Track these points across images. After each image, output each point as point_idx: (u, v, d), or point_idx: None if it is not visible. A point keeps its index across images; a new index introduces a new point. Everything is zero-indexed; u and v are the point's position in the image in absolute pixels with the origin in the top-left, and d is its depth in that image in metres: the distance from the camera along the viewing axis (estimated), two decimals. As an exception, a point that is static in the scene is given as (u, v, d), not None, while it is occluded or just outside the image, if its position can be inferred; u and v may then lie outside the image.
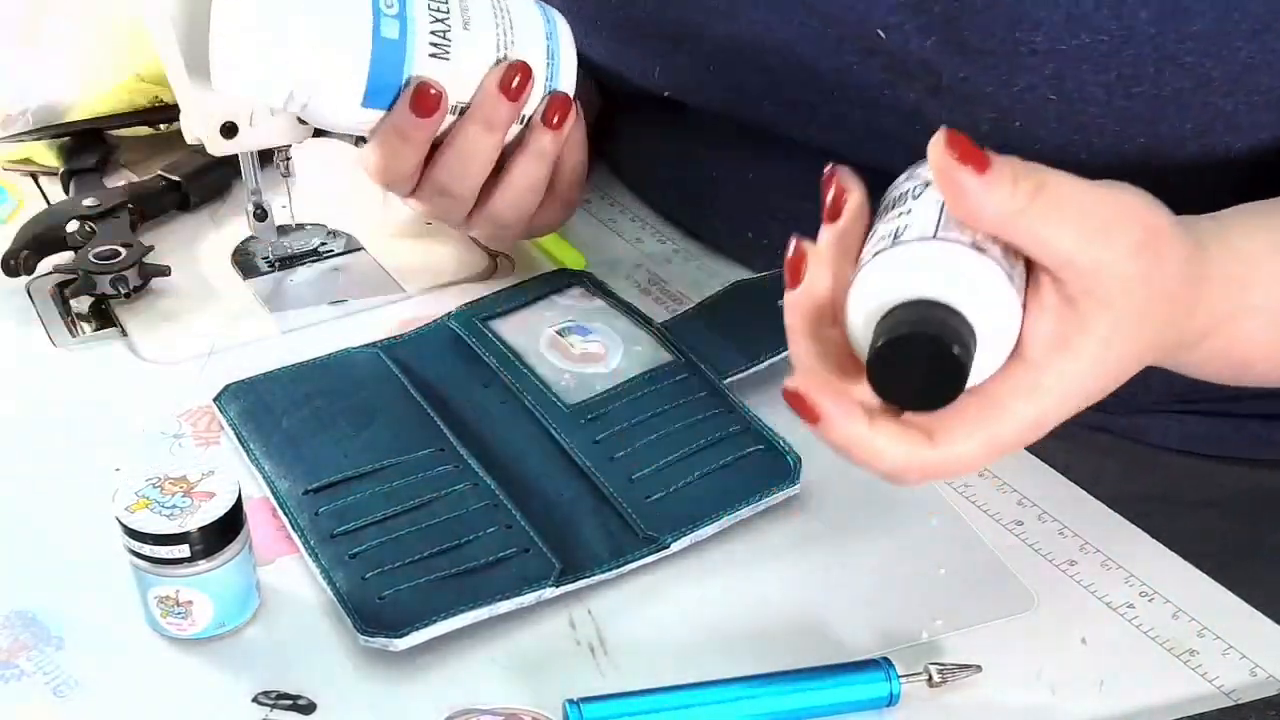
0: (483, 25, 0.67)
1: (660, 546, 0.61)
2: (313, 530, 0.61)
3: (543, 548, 0.60)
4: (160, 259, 0.81)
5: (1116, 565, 0.60)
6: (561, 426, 0.67)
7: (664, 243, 0.84)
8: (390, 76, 0.66)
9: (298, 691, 0.55)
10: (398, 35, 0.64)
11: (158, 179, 0.87)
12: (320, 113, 0.67)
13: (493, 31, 0.68)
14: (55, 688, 0.56)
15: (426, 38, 0.65)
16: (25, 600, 0.59)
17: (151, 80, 0.91)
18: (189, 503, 0.56)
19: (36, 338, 0.77)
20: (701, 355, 0.70)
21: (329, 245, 0.84)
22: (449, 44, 0.66)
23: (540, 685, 0.55)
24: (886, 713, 0.54)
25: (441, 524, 0.61)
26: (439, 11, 0.66)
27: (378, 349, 0.73)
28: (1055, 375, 0.48)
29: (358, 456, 0.65)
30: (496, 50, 0.68)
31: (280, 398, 0.69)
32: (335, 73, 0.65)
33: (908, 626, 0.58)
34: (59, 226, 0.82)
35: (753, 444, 0.65)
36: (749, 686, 0.54)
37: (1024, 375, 0.49)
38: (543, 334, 0.73)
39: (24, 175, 0.93)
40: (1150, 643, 0.57)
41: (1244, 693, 0.54)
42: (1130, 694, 0.55)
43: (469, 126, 0.68)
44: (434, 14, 0.65)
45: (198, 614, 0.57)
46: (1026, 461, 0.66)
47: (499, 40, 0.68)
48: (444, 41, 0.66)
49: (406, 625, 0.56)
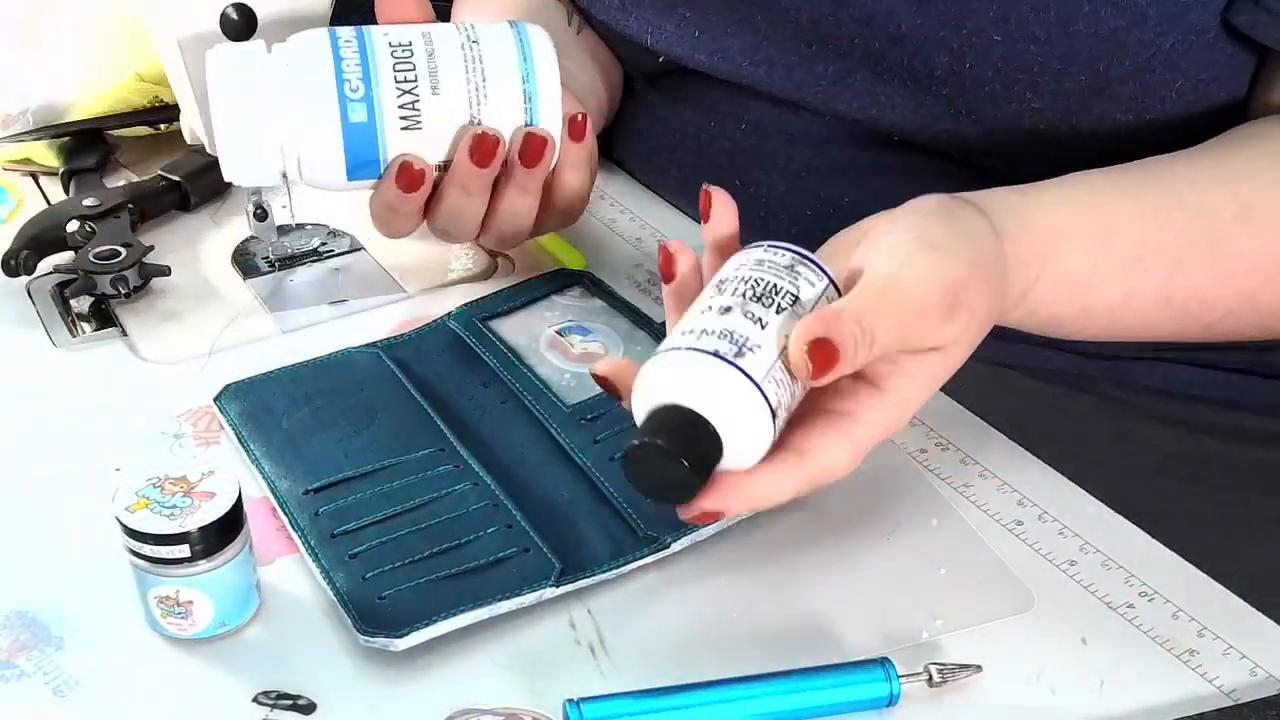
0: (452, 86, 0.69)
1: (660, 546, 0.61)
2: (313, 530, 0.61)
3: (543, 548, 0.60)
4: (160, 259, 0.81)
5: (1116, 565, 0.60)
6: (561, 426, 0.67)
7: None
8: (368, 153, 0.69)
9: (298, 691, 0.55)
10: (366, 118, 0.68)
11: (158, 179, 0.87)
12: (318, 185, 0.71)
13: (463, 89, 0.69)
14: (55, 688, 0.56)
15: (395, 114, 0.68)
16: (25, 600, 0.59)
17: (151, 80, 0.91)
18: (189, 503, 0.56)
19: (36, 338, 0.77)
20: (701, 355, 0.70)
21: (329, 245, 0.84)
22: (419, 114, 0.68)
23: (540, 685, 0.55)
24: (886, 713, 0.54)
25: (442, 524, 0.61)
26: (405, 84, 0.68)
27: (378, 349, 0.73)
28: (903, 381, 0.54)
29: (358, 456, 0.65)
30: (469, 107, 0.69)
31: (280, 398, 0.69)
32: (319, 156, 0.69)
33: (908, 626, 0.58)
34: (59, 226, 0.82)
35: (753, 444, 0.65)
36: (749, 686, 0.54)
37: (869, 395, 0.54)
38: (543, 334, 0.73)
39: (24, 175, 0.93)
40: (1150, 643, 0.57)
41: (1244, 693, 0.54)
42: (1130, 694, 0.55)
43: (450, 191, 0.71)
44: (401, 88, 0.68)
45: (198, 614, 0.57)
46: (1027, 461, 0.66)
47: (470, 97, 0.69)
48: (413, 113, 0.68)
49: (406, 625, 0.56)
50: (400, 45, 0.68)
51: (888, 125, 0.73)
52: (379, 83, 0.68)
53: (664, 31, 0.78)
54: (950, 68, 0.68)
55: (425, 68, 0.68)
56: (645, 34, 0.79)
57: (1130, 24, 0.64)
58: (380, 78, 0.68)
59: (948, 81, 0.69)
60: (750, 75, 0.76)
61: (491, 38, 0.70)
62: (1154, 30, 0.65)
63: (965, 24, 0.67)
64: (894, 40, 0.69)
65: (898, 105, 0.72)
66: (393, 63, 0.68)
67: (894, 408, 0.54)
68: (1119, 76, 0.66)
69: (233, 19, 0.71)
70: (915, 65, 0.69)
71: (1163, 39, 0.65)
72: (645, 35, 0.79)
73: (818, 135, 0.77)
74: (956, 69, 0.68)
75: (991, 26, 0.66)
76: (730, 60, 0.76)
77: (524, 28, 0.71)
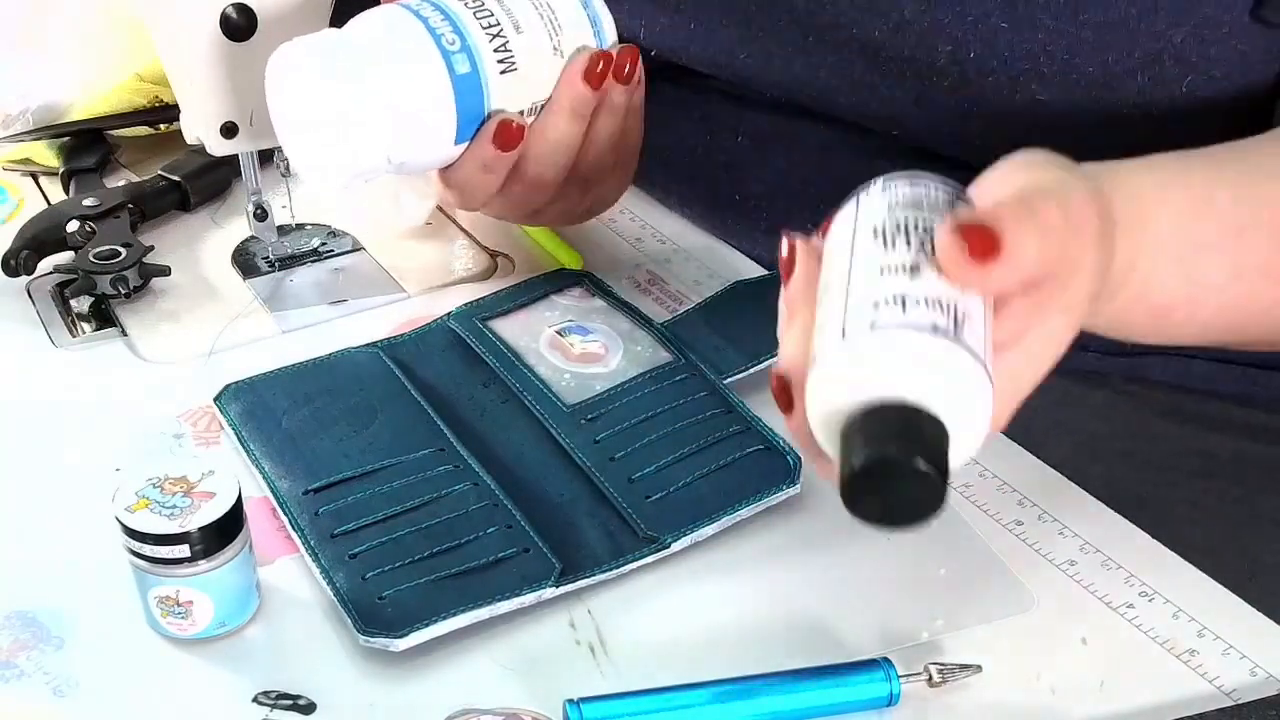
0: (530, 21, 0.68)
1: (660, 546, 0.61)
2: (313, 530, 0.61)
3: (543, 548, 0.60)
4: (160, 259, 0.81)
5: (1116, 565, 0.60)
6: (561, 426, 0.67)
7: (664, 243, 0.84)
8: (475, 108, 0.67)
9: (298, 691, 0.55)
10: (469, 68, 0.66)
11: (158, 179, 0.87)
12: (414, 165, 0.68)
13: (539, 23, 0.68)
14: (55, 688, 0.56)
15: (493, 57, 0.67)
16: (25, 600, 0.59)
17: (151, 80, 0.91)
18: (189, 503, 0.56)
19: (36, 338, 0.77)
20: (701, 355, 0.70)
21: (329, 245, 0.84)
22: (512, 54, 0.67)
23: (540, 685, 0.55)
24: (886, 713, 0.54)
25: (442, 524, 0.61)
26: (492, 28, 0.67)
27: (378, 349, 0.73)
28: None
29: (358, 456, 0.65)
30: (550, 39, 0.69)
31: (280, 398, 0.69)
32: (425, 127, 0.66)
33: (908, 626, 0.58)
34: (59, 226, 0.82)
35: (753, 444, 0.65)
36: (749, 686, 0.54)
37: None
38: (543, 334, 0.73)
39: (24, 175, 0.93)
40: (1150, 643, 0.57)
41: (1244, 693, 0.54)
42: (1130, 694, 0.55)
43: (558, 120, 0.69)
44: (489, 32, 0.67)
45: (198, 614, 0.57)
46: (1027, 461, 0.66)
47: (548, 30, 0.69)
48: (508, 53, 0.67)
49: (407, 625, 0.56)
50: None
51: (887, 120, 0.72)
52: (469, 31, 0.66)
53: (657, 25, 0.77)
54: (953, 57, 0.67)
55: (500, 8, 0.67)
56: (638, 28, 0.78)
57: (1141, 13, 0.63)
58: (469, 26, 0.66)
59: (949, 72, 0.68)
60: (746, 69, 0.75)
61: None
62: (1166, 21, 0.63)
63: (970, 11, 0.65)
64: (895, 28, 0.68)
65: (898, 99, 0.71)
66: (471, 10, 0.67)
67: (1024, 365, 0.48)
68: (1128, 69, 0.65)
69: (233, 19, 0.71)
70: (917, 55, 0.68)
71: (1174, 30, 0.64)
72: (638, 29, 0.78)
73: (817, 144, 0.76)
74: (959, 58, 0.67)
75: (998, 13, 0.65)
76: (726, 53, 0.75)
77: None
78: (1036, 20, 0.64)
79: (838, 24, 0.70)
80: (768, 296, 0.73)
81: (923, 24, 0.67)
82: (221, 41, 0.71)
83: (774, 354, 0.69)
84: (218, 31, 0.71)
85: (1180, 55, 0.64)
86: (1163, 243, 0.53)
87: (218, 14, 0.70)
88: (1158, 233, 0.53)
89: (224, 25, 0.71)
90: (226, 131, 0.74)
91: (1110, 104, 0.66)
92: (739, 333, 0.72)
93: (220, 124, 0.73)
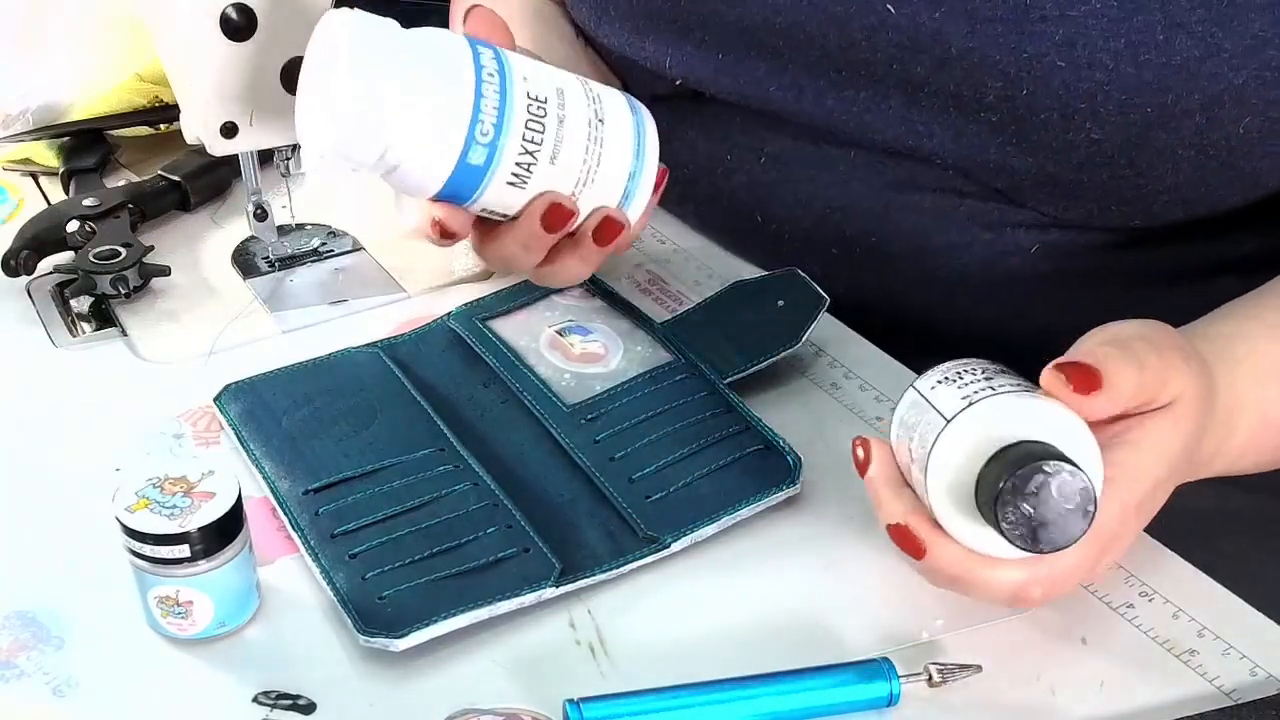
0: (569, 161, 0.66)
1: (660, 546, 0.61)
2: (313, 530, 0.61)
3: (543, 548, 0.60)
4: (160, 259, 0.81)
5: (1116, 565, 0.60)
6: (561, 426, 0.67)
7: (664, 243, 0.84)
8: (463, 191, 0.65)
9: (298, 691, 0.55)
10: (483, 162, 0.64)
11: (158, 179, 0.87)
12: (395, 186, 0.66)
13: (578, 168, 0.66)
14: (55, 688, 0.56)
15: (509, 169, 0.64)
16: (25, 600, 0.59)
17: (151, 80, 0.91)
18: (189, 503, 0.56)
19: (36, 338, 0.77)
20: (701, 355, 0.70)
21: (329, 245, 0.84)
22: (529, 176, 0.65)
23: (540, 685, 0.55)
24: (886, 713, 0.54)
25: (442, 524, 0.61)
26: (530, 144, 0.64)
27: (378, 349, 0.73)
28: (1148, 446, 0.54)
29: (358, 457, 0.65)
30: (575, 186, 0.66)
31: (280, 398, 0.69)
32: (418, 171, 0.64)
33: (908, 626, 0.58)
34: (59, 226, 0.82)
35: (753, 444, 0.65)
36: (749, 686, 0.54)
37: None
38: (543, 334, 0.73)
39: (24, 175, 0.93)
40: (1150, 643, 0.57)
41: (1244, 693, 0.54)
42: (1130, 694, 0.55)
43: (508, 243, 0.67)
44: (525, 146, 0.64)
45: (198, 614, 0.57)
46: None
47: (580, 177, 0.66)
48: (525, 174, 0.65)
49: (406, 625, 0.56)
50: (537, 100, 0.64)
51: (926, 154, 0.70)
52: (508, 133, 0.64)
53: (683, 53, 0.75)
54: (1003, 93, 0.65)
55: (553, 136, 0.65)
56: (664, 57, 0.76)
57: (1204, 55, 0.61)
58: (510, 130, 0.64)
59: (998, 109, 0.65)
60: (777, 101, 0.73)
61: (615, 121, 0.67)
62: (1228, 64, 0.61)
63: (1025, 48, 0.63)
64: (939, 64, 0.66)
65: (935, 133, 0.69)
66: (526, 118, 0.64)
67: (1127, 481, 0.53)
68: (1186, 109, 0.63)
69: (233, 19, 0.71)
70: (962, 91, 0.66)
71: (1236, 73, 0.62)
72: (664, 58, 0.76)
73: (842, 170, 0.74)
74: (1010, 95, 0.64)
75: (1055, 52, 0.62)
76: (755, 84, 0.73)
77: (642, 116, 0.68)
78: (1096, 60, 0.62)
79: (874, 60, 0.68)
80: (767, 296, 0.74)
81: (971, 60, 0.65)
82: (221, 41, 0.71)
83: (774, 354, 0.70)
84: (218, 31, 0.71)
85: (1241, 97, 0.62)
86: (1260, 371, 0.58)
87: (218, 14, 0.70)
88: (1255, 363, 0.58)
89: (224, 25, 0.71)
90: (226, 131, 0.73)
91: (1163, 143, 0.64)
92: (739, 333, 0.72)
93: (220, 124, 0.73)
